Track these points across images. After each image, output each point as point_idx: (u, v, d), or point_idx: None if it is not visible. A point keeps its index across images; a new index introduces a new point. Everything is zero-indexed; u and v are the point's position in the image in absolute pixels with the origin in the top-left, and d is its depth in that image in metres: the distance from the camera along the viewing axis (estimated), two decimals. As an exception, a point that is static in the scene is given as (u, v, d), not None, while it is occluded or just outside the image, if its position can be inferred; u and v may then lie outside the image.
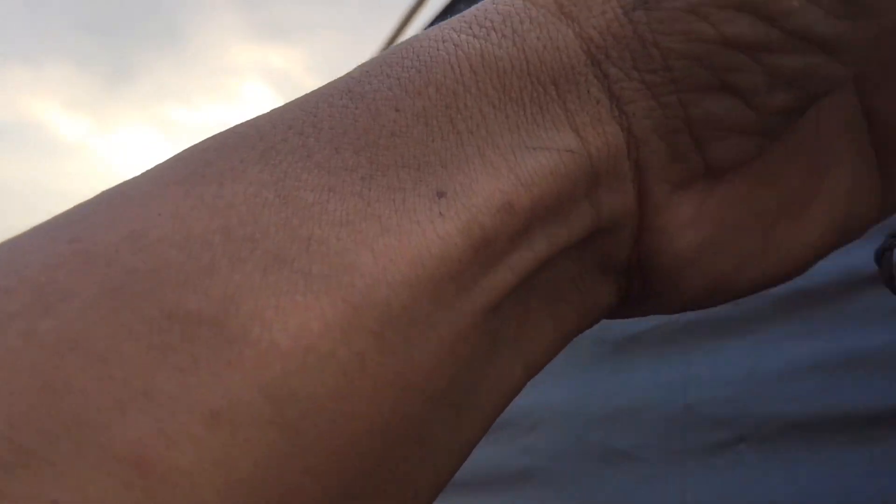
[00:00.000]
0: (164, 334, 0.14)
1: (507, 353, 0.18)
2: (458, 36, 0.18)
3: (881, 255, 0.23)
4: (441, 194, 0.16)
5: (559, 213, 0.18)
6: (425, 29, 0.19)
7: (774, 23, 0.17)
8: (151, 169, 0.17)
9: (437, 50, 0.18)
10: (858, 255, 0.40)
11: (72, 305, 0.14)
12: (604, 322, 0.21)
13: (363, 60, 0.19)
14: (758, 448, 0.54)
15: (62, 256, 0.15)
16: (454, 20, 0.19)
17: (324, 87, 0.18)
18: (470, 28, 0.18)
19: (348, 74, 0.18)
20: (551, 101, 0.18)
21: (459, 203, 0.16)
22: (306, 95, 0.18)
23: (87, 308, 0.14)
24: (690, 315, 0.50)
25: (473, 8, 0.19)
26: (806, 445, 0.52)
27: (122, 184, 0.17)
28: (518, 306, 0.18)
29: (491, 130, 0.17)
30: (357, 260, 0.15)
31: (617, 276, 0.20)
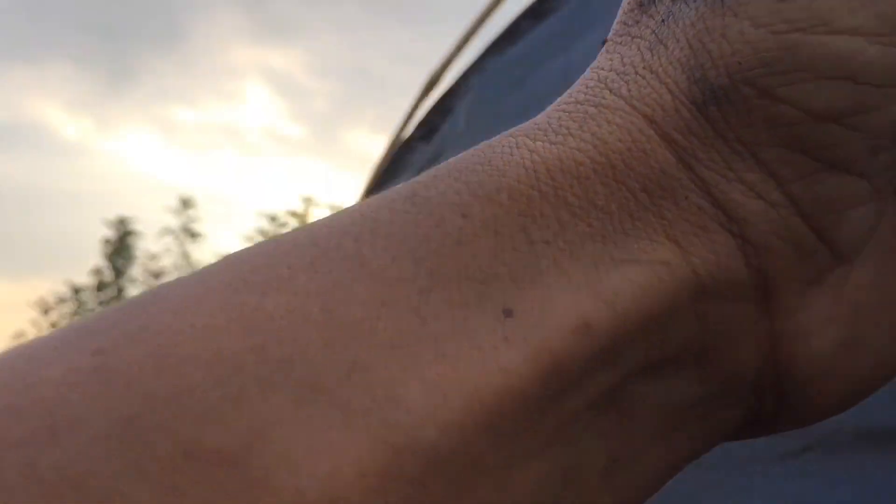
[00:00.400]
0: (178, 475, 0.12)
1: (591, 491, 0.16)
2: (534, 142, 0.17)
3: None
4: (508, 313, 0.15)
5: (652, 331, 0.16)
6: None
7: (857, 79, 0.16)
8: (198, 271, 0.16)
9: (511, 155, 0.16)
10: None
11: (80, 436, 0.12)
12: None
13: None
14: (825, 457, 0.53)
15: (80, 372, 0.13)
16: (525, 126, 0.17)
17: (388, 190, 0.17)
18: (545, 134, 0.17)
19: (416, 178, 0.17)
20: (643, 209, 0.16)
21: (529, 324, 0.15)
22: (368, 200, 0.17)
23: (96, 440, 0.12)
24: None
25: (542, 115, 0.18)
26: (874, 455, 0.51)
27: (168, 283, 0.16)
28: (607, 437, 0.16)
29: (570, 241, 0.16)
30: (404, 393, 0.14)
31: (745, 395, 0.18)
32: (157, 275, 6.52)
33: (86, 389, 0.13)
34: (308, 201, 6.51)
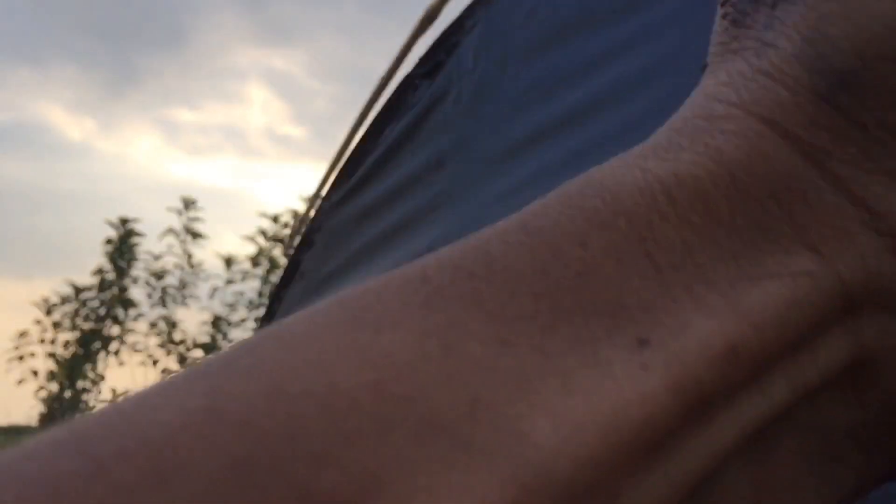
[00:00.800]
0: None
1: None
2: (645, 161, 0.16)
3: None
4: (643, 343, 0.14)
5: (801, 351, 0.15)
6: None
7: None
8: (310, 308, 0.15)
9: (624, 176, 0.16)
10: None
11: (190, 479, 0.12)
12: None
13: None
14: None
15: (191, 414, 0.13)
16: (636, 149, 0.16)
17: (499, 222, 0.16)
18: (656, 153, 0.16)
19: (526, 208, 0.16)
20: (773, 218, 0.15)
21: (668, 352, 0.14)
22: (478, 232, 0.16)
23: (206, 486, 0.12)
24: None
25: (652, 136, 0.17)
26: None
27: (277, 323, 0.15)
28: (753, 470, 0.15)
29: (699, 263, 0.15)
30: (532, 428, 0.13)
31: None
32: (159, 275, 6.54)
33: (196, 430, 0.13)
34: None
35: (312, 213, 1.85)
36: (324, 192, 1.76)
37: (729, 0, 0.17)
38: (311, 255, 1.76)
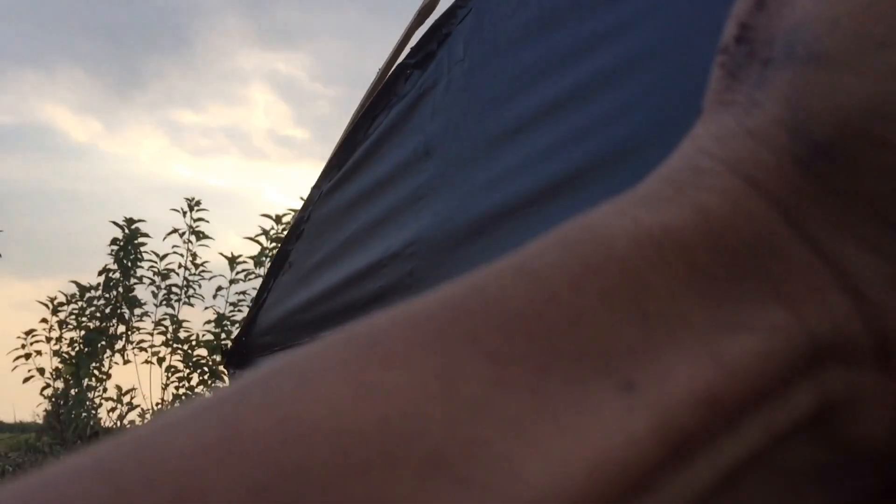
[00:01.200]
0: None
1: None
2: (635, 210, 0.16)
3: None
4: (630, 386, 0.14)
5: (772, 399, 0.15)
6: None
7: None
8: (318, 343, 0.16)
9: (617, 224, 0.16)
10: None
11: None
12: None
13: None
14: None
15: (210, 441, 0.14)
16: (628, 195, 0.17)
17: (498, 262, 0.16)
18: (645, 202, 0.16)
19: (524, 249, 0.17)
20: (750, 272, 0.15)
21: (652, 396, 0.14)
22: (477, 272, 0.16)
23: None
24: None
25: (642, 183, 0.17)
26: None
27: (290, 355, 0.16)
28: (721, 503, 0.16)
29: (683, 311, 0.15)
30: (524, 467, 0.14)
31: (877, 461, 0.17)
32: (164, 275, 6.55)
33: (214, 459, 0.13)
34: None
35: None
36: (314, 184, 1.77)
37: (726, 50, 0.18)
38: (300, 245, 1.76)
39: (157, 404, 6.01)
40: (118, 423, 5.55)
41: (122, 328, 6.48)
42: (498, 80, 1.13)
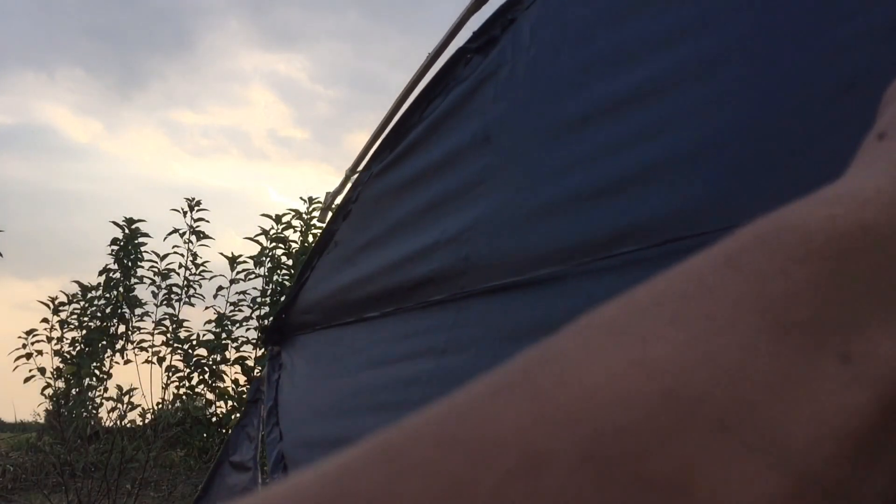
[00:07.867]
0: (636, 499, 0.14)
1: None
2: (832, 208, 0.19)
3: None
4: (846, 358, 0.16)
5: None
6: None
7: None
8: (569, 328, 0.18)
9: (816, 219, 0.18)
10: None
11: (559, 468, 0.14)
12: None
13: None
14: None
15: (528, 416, 0.15)
16: (823, 193, 0.19)
17: (702, 253, 0.19)
18: (841, 201, 0.19)
19: (723, 244, 0.19)
20: None
21: (869, 368, 0.16)
22: (683, 265, 0.19)
23: (572, 472, 0.14)
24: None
25: (833, 186, 0.20)
26: None
27: (541, 344, 0.17)
28: None
29: (882, 292, 0.17)
30: (789, 429, 0.15)
31: None
32: (164, 274, 6.57)
33: (543, 431, 0.15)
34: (311, 202, 6.58)
35: (349, 186, 1.84)
36: (362, 165, 1.76)
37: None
38: (347, 224, 1.76)
39: (157, 404, 6.05)
40: (118, 423, 5.56)
41: (122, 328, 6.49)
42: (566, 69, 1.12)
